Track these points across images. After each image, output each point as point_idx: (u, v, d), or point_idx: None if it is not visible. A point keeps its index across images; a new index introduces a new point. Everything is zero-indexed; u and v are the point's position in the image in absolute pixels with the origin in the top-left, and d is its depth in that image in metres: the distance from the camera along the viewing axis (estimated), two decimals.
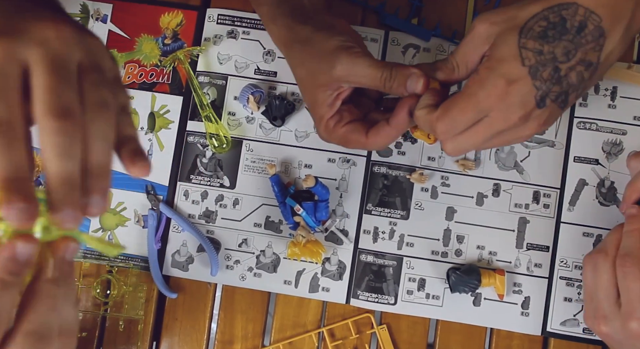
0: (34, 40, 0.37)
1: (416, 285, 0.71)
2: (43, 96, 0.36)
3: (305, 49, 0.60)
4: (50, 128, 0.36)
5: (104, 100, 0.39)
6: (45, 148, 0.36)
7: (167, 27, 0.76)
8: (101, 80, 0.40)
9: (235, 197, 0.73)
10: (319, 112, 0.60)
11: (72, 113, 0.37)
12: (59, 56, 0.38)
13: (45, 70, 0.37)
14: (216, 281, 0.73)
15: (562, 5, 0.50)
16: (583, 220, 0.71)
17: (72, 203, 0.36)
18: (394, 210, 0.72)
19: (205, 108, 0.73)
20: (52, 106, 0.36)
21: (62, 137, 0.36)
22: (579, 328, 0.70)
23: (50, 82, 0.36)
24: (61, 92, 0.37)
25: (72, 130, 0.36)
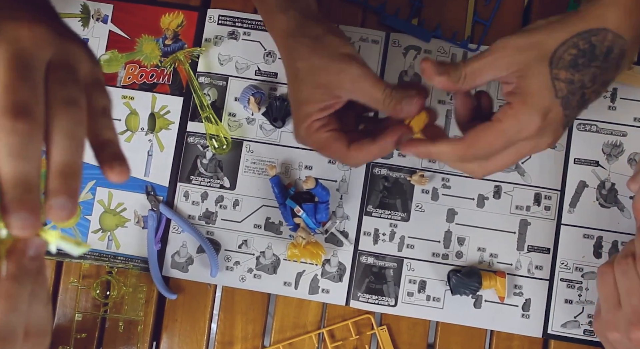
0: (3, 39, 0.36)
1: (417, 287, 0.71)
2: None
3: (314, 45, 0.58)
4: (3, 127, 0.34)
5: (71, 97, 0.38)
6: None
7: (167, 27, 0.76)
8: (69, 78, 0.38)
9: (236, 198, 0.73)
10: (307, 110, 0.59)
11: (28, 112, 0.35)
12: (24, 55, 0.36)
13: (4, 69, 0.35)
14: (216, 283, 0.73)
15: (591, 31, 0.50)
16: (584, 221, 0.71)
17: (26, 207, 0.34)
18: (394, 212, 0.72)
19: (205, 109, 0.73)
20: (6, 104, 0.34)
21: (16, 137, 0.34)
22: (579, 329, 0.69)
23: (6, 80, 0.35)
24: (18, 89, 0.35)
25: (27, 129, 0.34)
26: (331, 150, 0.59)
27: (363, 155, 0.58)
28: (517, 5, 0.75)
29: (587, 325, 0.69)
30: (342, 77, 0.56)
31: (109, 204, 0.74)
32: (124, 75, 0.75)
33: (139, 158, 0.74)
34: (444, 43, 0.74)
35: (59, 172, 0.36)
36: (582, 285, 0.70)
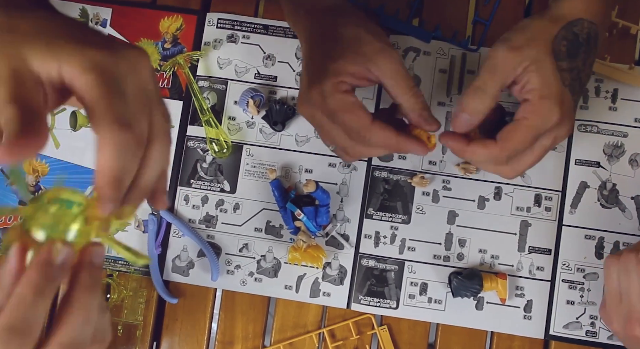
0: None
1: (418, 289, 0.71)
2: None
3: (362, 23, 0.60)
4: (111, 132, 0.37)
5: (168, 130, 0.42)
6: (106, 147, 0.37)
7: (166, 31, 0.75)
8: (167, 113, 0.42)
9: (236, 202, 0.73)
10: (340, 68, 0.57)
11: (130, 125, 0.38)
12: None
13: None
14: (217, 286, 0.72)
15: (571, 22, 0.55)
16: (585, 222, 0.71)
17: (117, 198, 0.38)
18: (395, 215, 0.72)
19: (205, 112, 0.73)
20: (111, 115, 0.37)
21: (121, 143, 0.37)
22: (581, 330, 0.69)
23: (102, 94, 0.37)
24: (115, 104, 0.37)
25: (131, 138, 0.38)
26: (353, 117, 0.56)
27: (382, 136, 0.57)
28: (517, 3, 0.75)
29: (589, 326, 0.69)
30: (383, 56, 0.57)
31: None
32: None
33: None
34: (444, 44, 0.74)
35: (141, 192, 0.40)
36: (584, 285, 0.70)
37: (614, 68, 0.71)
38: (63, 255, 0.37)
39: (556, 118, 0.54)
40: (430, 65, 0.73)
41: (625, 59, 0.72)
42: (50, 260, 0.37)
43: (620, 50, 0.73)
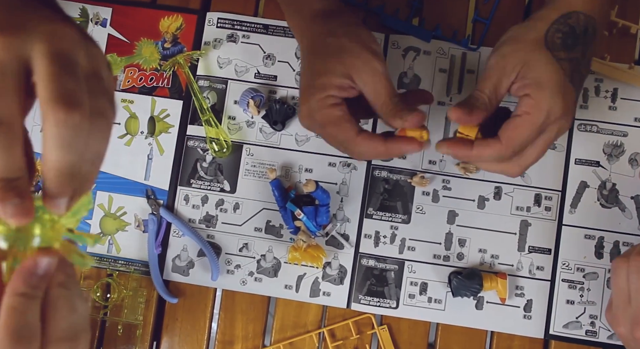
0: (40, 37, 0.36)
1: (418, 289, 0.71)
2: (48, 84, 0.36)
3: (349, 30, 0.60)
4: (55, 118, 0.35)
5: (103, 109, 0.39)
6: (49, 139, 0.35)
7: (166, 31, 0.75)
8: (101, 89, 0.39)
9: (236, 201, 0.73)
10: (325, 82, 0.58)
11: (79, 104, 0.36)
12: (65, 51, 0.37)
13: (50, 63, 0.36)
14: (217, 286, 0.72)
15: (565, 15, 0.56)
16: (585, 222, 0.71)
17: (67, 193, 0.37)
18: (395, 214, 0.72)
19: (205, 112, 0.73)
20: (57, 95, 0.35)
21: (67, 129, 0.35)
22: (581, 330, 0.69)
23: (54, 72, 0.35)
24: (66, 81, 0.36)
25: (78, 121, 0.36)
26: (339, 130, 0.58)
27: (369, 146, 0.58)
28: (517, 2, 0.75)
29: (589, 326, 0.69)
30: (364, 65, 0.57)
31: (109, 208, 0.74)
32: (123, 79, 0.75)
33: (139, 162, 0.74)
34: (443, 44, 0.74)
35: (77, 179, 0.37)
36: (583, 285, 0.70)
37: (614, 67, 0.71)
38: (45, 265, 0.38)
39: (560, 110, 0.54)
40: (430, 65, 0.73)
41: (625, 59, 0.72)
42: (33, 270, 0.37)
43: (620, 49, 0.73)
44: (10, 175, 0.35)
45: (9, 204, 0.35)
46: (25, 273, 0.37)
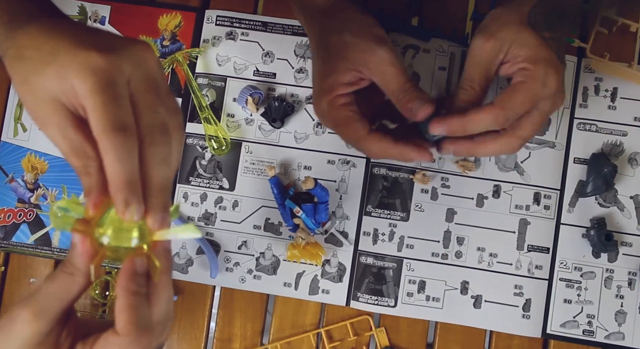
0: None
1: (416, 287, 0.71)
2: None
3: (349, 23, 0.60)
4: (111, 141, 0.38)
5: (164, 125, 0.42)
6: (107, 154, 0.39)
7: (165, 28, 0.75)
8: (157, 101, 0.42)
9: (235, 199, 0.73)
10: (332, 83, 0.59)
11: (127, 128, 0.39)
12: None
13: (97, 93, 0.38)
14: (216, 284, 0.73)
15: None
16: (583, 221, 0.71)
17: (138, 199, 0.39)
18: (393, 212, 0.72)
19: (204, 110, 0.73)
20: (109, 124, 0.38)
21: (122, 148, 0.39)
22: (578, 329, 0.69)
23: (102, 103, 0.38)
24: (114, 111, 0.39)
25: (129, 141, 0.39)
26: (349, 130, 0.59)
27: (379, 147, 0.59)
28: None
29: (586, 325, 0.69)
30: (369, 56, 0.57)
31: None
32: None
33: None
34: (443, 42, 0.73)
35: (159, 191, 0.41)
36: (581, 284, 0.70)
37: (614, 66, 0.70)
38: (142, 265, 0.41)
39: (553, 83, 0.55)
40: (429, 63, 0.73)
41: (625, 57, 0.72)
42: (135, 270, 0.41)
43: (619, 48, 0.72)
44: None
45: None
46: (130, 272, 0.41)
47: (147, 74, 0.42)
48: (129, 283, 0.40)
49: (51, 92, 0.39)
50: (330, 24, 0.61)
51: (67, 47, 0.39)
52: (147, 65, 0.42)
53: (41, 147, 0.74)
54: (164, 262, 0.42)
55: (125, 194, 0.39)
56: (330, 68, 0.59)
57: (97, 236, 0.41)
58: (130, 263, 0.41)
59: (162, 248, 0.42)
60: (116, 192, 0.39)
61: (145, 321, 0.41)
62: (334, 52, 0.59)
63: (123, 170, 0.38)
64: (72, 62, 0.39)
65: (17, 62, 0.41)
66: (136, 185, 0.39)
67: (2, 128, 0.75)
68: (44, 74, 0.39)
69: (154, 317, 0.41)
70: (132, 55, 0.41)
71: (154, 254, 0.42)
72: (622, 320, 0.69)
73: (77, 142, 0.40)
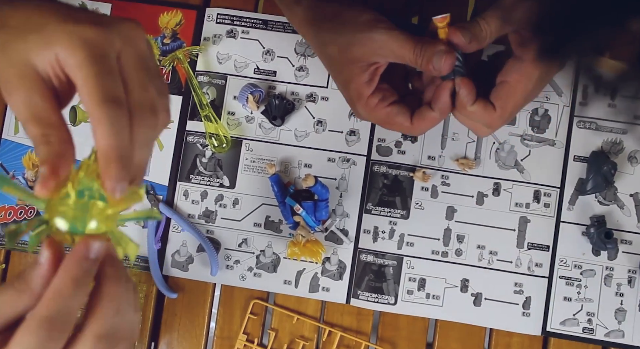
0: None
1: (416, 285, 0.71)
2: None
3: (335, 26, 0.59)
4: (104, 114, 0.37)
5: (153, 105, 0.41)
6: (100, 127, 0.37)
7: (166, 26, 0.75)
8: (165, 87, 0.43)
9: (235, 197, 0.73)
10: (357, 89, 0.59)
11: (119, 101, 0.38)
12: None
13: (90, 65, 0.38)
14: (216, 281, 0.73)
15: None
16: (583, 219, 0.71)
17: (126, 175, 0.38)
18: (394, 210, 0.72)
19: (204, 107, 0.73)
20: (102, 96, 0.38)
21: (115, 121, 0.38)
22: (578, 327, 0.70)
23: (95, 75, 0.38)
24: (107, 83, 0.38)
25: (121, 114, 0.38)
26: (395, 125, 0.60)
27: (427, 123, 0.60)
28: None
29: (586, 323, 0.70)
30: (371, 46, 0.57)
31: None
32: None
33: None
34: None
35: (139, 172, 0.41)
36: (580, 282, 0.70)
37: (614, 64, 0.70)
38: (97, 249, 0.38)
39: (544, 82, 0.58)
40: None
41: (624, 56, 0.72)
42: (87, 254, 0.37)
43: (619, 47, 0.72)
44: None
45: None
46: (79, 256, 0.37)
47: (137, 51, 0.41)
48: (72, 265, 0.37)
49: (27, 57, 0.38)
50: (320, 35, 0.61)
51: (57, 19, 0.39)
52: (137, 42, 0.41)
53: None
54: (110, 269, 0.39)
55: (119, 168, 0.37)
56: (346, 78, 0.59)
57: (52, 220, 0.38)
58: (81, 244, 0.37)
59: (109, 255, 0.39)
60: (108, 166, 0.37)
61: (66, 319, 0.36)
62: (339, 61, 0.59)
63: (118, 142, 0.37)
64: (62, 33, 0.38)
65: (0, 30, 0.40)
66: (129, 160, 0.38)
67: (3, 125, 0.75)
68: (26, 40, 0.39)
69: (88, 328, 0.37)
70: (122, 31, 0.41)
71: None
72: (621, 318, 0.69)
73: (41, 108, 0.38)
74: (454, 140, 0.72)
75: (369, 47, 0.57)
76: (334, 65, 0.61)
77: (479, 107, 0.57)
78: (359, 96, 0.59)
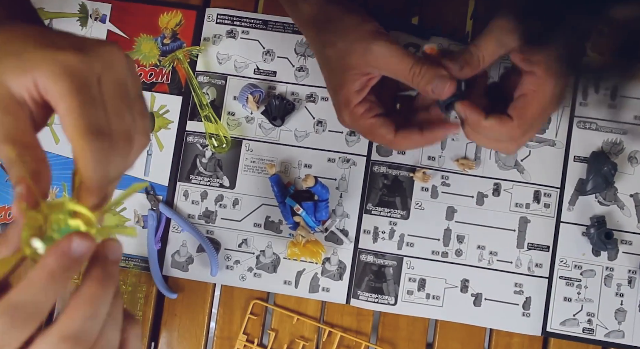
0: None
1: (416, 285, 0.71)
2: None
3: (337, 29, 0.59)
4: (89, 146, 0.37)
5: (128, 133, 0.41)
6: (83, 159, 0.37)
7: (166, 26, 0.75)
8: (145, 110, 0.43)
9: (235, 197, 0.73)
10: (346, 96, 0.59)
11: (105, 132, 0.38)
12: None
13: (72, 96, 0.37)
14: (216, 282, 0.73)
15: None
16: (583, 219, 0.71)
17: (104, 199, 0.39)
18: (394, 210, 0.72)
19: (204, 108, 0.73)
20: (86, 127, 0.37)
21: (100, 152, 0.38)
22: (578, 327, 0.70)
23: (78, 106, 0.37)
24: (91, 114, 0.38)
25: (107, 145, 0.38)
26: (377, 136, 0.60)
27: (409, 143, 0.60)
28: None
29: (586, 323, 0.69)
30: (368, 56, 0.57)
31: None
32: None
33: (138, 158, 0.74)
34: (443, 40, 0.73)
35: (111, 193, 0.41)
36: (581, 282, 0.70)
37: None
38: (82, 247, 0.36)
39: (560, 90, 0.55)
40: None
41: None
42: (68, 251, 0.35)
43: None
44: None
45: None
46: (59, 251, 0.35)
47: (116, 77, 0.40)
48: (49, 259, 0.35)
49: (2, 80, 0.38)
50: (321, 37, 0.61)
51: (35, 44, 0.38)
52: (117, 67, 0.40)
53: None
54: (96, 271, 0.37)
55: (98, 198, 0.38)
56: (338, 83, 0.59)
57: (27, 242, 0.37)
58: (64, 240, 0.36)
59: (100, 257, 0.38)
60: (89, 196, 0.38)
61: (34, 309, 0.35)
62: (335, 65, 0.59)
63: (100, 175, 0.38)
64: (42, 60, 0.37)
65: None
66: (105, 189, 0.39)
67: None
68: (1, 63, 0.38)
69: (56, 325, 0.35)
70: (102, 56, 0.39)
71: None
72: (622, 318, 0.69)
73: (15, 130, 0.37)
74: (454, 140, 0.72)
75: (366, 57, 0.57)
76: (329, 68, 0.61)
77: (494, 120, 0.56)
78: (347, 103, 0.59)
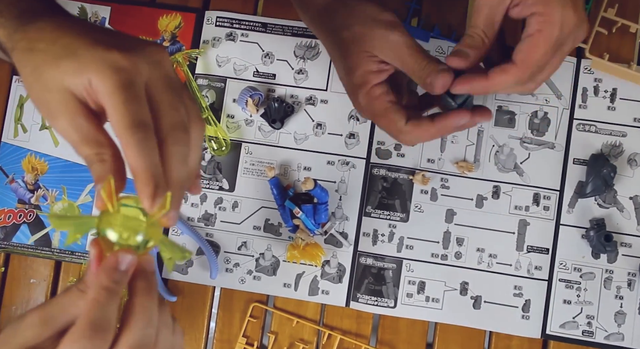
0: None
1: (416, 288, 0.71)
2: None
3: (354, 13, 0.59)
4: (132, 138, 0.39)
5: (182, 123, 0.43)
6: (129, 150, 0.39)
7: (165, 29, 0.75)
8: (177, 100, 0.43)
9: (235, 200, 0.73)
10: (363, 76, 0.58)
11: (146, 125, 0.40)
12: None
13: (119, 93, 0.40)
14: (215, 284, 0.73)
15: None
16: (583, 222, 0.71)
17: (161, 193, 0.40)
18: (393, 213, 0.72)
19: (204, 110, 0.73)
20: (129, 122, 0.39)
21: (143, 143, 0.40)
22: (578, 330, 0.70)
23: (123, 103, 0.40)
24: (134, 110, 0.40)
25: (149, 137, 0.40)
26: (388, 121, 0.58)
27: (419, 133, 0.58)
28: None
29: (585, 326, 0.69)
30: (383, 44, 0.56)
31: None
32: None
33: None
34: (442, 42, 0.74)
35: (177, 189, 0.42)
36: (580, 285, 0.70)
37: (613, 67, 0.70)
38: (127, 261, 0.40)
39: (571, 19, 0.52)
40: None
41: (624, 58, 0.72)
42: (116, 266, 0.40)
43: (619, 49, 0.72)
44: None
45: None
46: (109, 268, 0.40)
47: (164, 74, 0.43)
48: (102, 276, 0.39)
49: (64, 84, 0.40)
50: (337, 21, 0.60)
51: (85, 44, 0.41)
52: (163, 65, 0.43)
53: (41, 148, 0.75)
54: (141, 283, 0.41)
55: (153, 187, 0.39)
56: (354, 63, 0.58)
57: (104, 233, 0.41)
58: (113, 256, 0.40)
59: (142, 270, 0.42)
60: (143, 186, 0.39)
61: (107, 325, 0.39)
62: (350, 47, 0.58)
63: (148, 164, 0.39)
64: (92, 60, 0.40)
65: (28, 54, 0.42)
66: (161, 178, 0.40)
67: (2, 128, 0.75)
68: (59, 66, 0.40)
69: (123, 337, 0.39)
70: (148, 56, 0.42)
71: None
72: (621, 321, 0.69)
73: (89, 130, 0.41)
74: (454, 143, 0.72)
75: (381, 45, 0.56)
76: (344, 50, 0.59)
77: (497, 76, 0.54)
78: (364, 83, 0.58)
